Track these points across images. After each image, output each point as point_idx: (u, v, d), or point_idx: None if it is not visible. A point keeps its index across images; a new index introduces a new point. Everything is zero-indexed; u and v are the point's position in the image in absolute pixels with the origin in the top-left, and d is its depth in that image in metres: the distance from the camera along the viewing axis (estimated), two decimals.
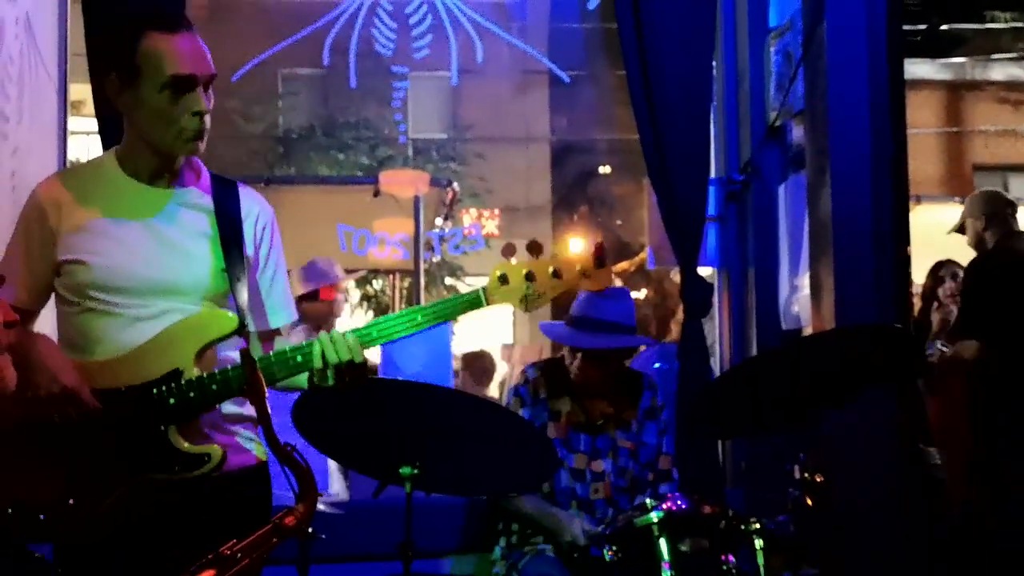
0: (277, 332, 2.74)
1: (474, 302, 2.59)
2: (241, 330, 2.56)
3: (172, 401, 2.48)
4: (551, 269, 2.59)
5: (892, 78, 4.09)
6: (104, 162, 2.69)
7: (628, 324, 3.74)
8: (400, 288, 13.82)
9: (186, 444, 2.49)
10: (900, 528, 3.91)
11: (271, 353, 2.55)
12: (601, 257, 2.60)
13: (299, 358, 2.53)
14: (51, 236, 2.58)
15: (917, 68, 15.00)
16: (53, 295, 2.68)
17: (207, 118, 2.57)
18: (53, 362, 2.45)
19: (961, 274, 5.55)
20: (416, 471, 2.77)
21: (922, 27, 15.13)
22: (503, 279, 2.59)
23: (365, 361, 2.53)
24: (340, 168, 16.59)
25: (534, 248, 2.62)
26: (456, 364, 8.20)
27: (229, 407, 2.63)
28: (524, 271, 2.59)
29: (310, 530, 2.58)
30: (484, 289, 2.59)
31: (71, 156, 4.38)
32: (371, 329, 2.55)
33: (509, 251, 2.63)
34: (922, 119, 15.02)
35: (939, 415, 5.32)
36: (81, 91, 4.33)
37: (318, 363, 2.49)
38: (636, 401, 3.81)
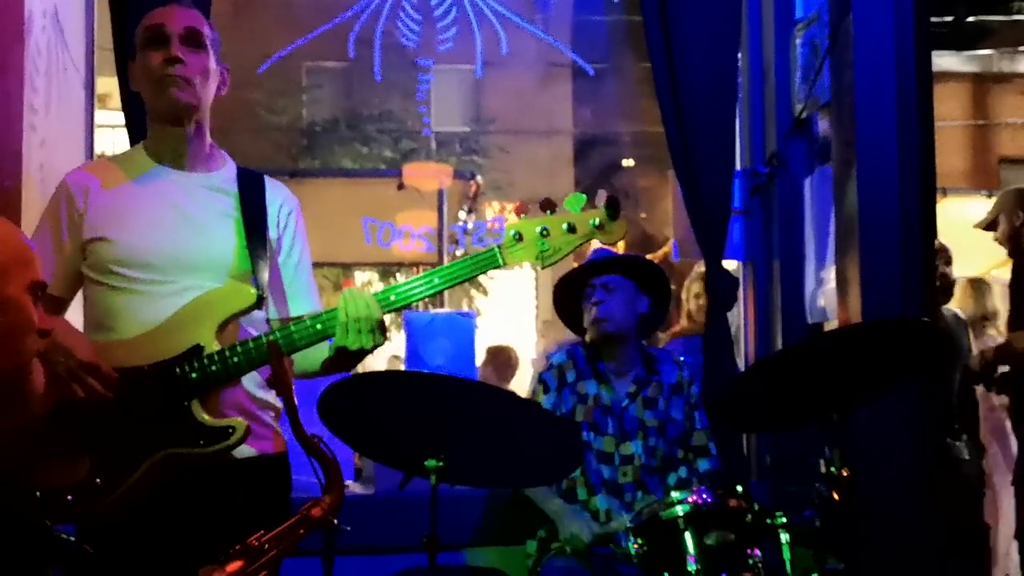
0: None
1: (490, 260, 2.60)
2: (260, 303, 2.58)
3: (195, 376, 2.51)
4: (565, 224, 2.60)
5: (919, 70, 4.06)
6: (131, 152, 2.77)
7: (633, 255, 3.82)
8: None
9: (209, 418, 2.51)
10: (926, 523, 3.89)
11: (290, 324, 2.58)
12: (614, 209, 2.60)
13: (319, 326, 2.56)
14: (78, 219, 2.62)
15: (943, 60, 14.91)
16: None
17: (186, 70, 2.61)
18: (67, 340, 2.47)
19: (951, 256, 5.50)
20: (441, 463, 2.77)
21: (948, 19, 15.04)
22: (517, 236, 2.60)
23: (383, 320, 2.56)
24: (364, 161, 16.61)
25: (547, 205, 2.62)
26: (479, 359, 8.19)
27: (258, 392, 2.65)
28: (538, 227, 2.60)
29: (335, 521, 2.59)
30: (499, 247, 2.59)
31: (97, 149, 4.41)
32: (389, 293, 2.59)
33: (522, 210, 2.63)
34: (948, 112, 14.94)
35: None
36: (107, 84, 4.36)
37: (342, 317, 2.51)
38: (659, 375, 3.82)
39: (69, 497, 2.45)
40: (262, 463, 2.66)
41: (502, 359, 8.62)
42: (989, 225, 5.44)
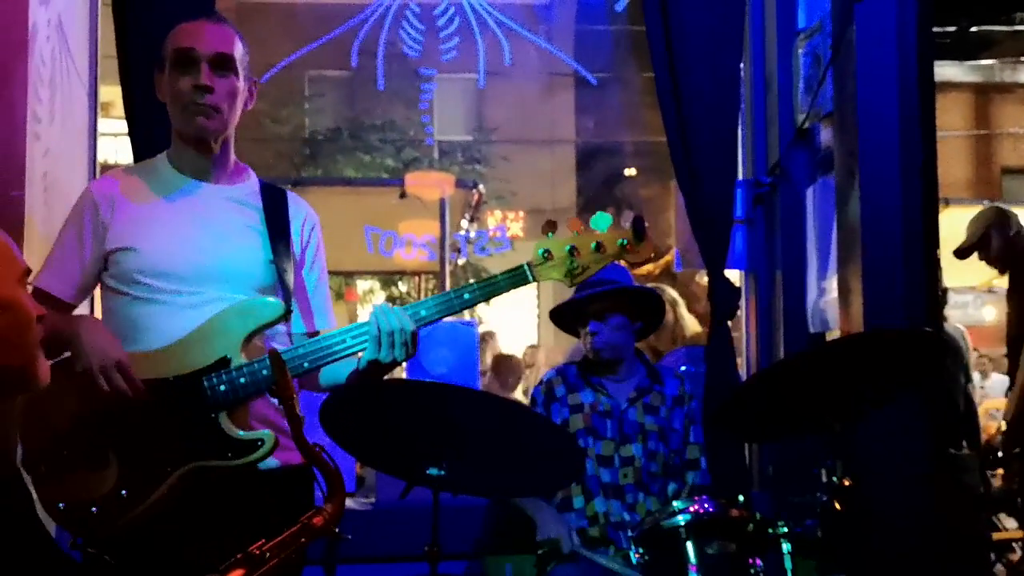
0: (318, 335, 2.76)
1: (521, 277, 2.63)
2: (287, 315, 2.58)
3: (223, 388, 2.50)
4: (593, 243, 2.64)
5: (922, 80, 4.07)
6: (156, 161, 2.76)
7: (626, 280, 3.79)
8: (426, 290, 13.83)
9: (238, 431, 2.51)
10: (929, 533, 3.88)
11: (320, 338, 2.58)
12: (641, 230, 2.64)
13: (349, 340, 2.57)
14: (103, 228, 2.63)
15: (946, 70, 14.93)
16: (98, 291, 2.72)
17: (214, 98, 2.61)
18: (100, 338, 2.48)
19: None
20: (443, 472, 2.77)
21: (951, 29, 15.04)
22: (546, 254, 2.63)
23: (416, 332, 2.57)
24: (366, 170, 16.62)
25: (574, 225, 2.66)
26: (483, 366, 8.20)
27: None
28: (567, 246, 2.64)
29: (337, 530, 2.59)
30: (529, 264, 2.62)
31: (100, 158, 4.41)
32: (419, 307, 2.59)
33: (550, 227, 2.66)
34: (950, 122, 14.96)
35: None
36: (111, 93, 4.37)
37: (374, 331, 2.52)
38: (661, 386, 3.83)
39: (94, 509, 2.45)
40: (287, 474, 2.65)
41: (507, 367, 8.64)
42: (972, 248, 5.41)
